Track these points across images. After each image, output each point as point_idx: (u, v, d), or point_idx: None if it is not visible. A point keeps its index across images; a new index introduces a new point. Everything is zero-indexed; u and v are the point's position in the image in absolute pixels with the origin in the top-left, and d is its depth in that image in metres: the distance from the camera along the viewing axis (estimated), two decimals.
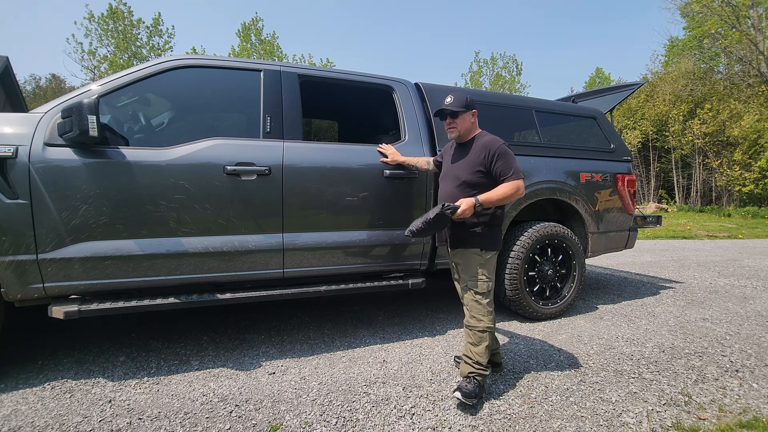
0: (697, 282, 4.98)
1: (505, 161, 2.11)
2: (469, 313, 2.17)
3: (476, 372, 2.10)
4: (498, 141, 2.17)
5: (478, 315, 2.13)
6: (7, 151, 2.04)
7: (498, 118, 3.56)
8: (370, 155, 2.86)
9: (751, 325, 3.34)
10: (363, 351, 2.73)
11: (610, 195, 3.76)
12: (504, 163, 2.11)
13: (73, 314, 2.13)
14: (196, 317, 3.30)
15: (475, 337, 2.13)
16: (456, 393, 2.02)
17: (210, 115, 3.34)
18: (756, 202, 21.09)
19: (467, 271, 2.18)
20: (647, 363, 2.57)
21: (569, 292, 3.49)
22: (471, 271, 2.16)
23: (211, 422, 1.87)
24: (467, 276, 2.17)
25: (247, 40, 22.54)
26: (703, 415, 1.99)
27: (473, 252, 2.17)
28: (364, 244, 2.81)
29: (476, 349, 2.11)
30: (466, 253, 2.18)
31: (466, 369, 2.13)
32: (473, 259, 2.16)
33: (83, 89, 2.33)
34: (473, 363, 2.11)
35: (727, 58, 20.88)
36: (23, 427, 1.81)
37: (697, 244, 9.35)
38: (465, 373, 2.13)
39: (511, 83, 26.66)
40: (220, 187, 2.41)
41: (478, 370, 2.10)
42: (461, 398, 1.99)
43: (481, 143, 2.19)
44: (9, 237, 2.04)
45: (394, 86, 3.14)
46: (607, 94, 4.43)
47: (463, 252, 2.19)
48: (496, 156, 2.12)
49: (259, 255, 2.53)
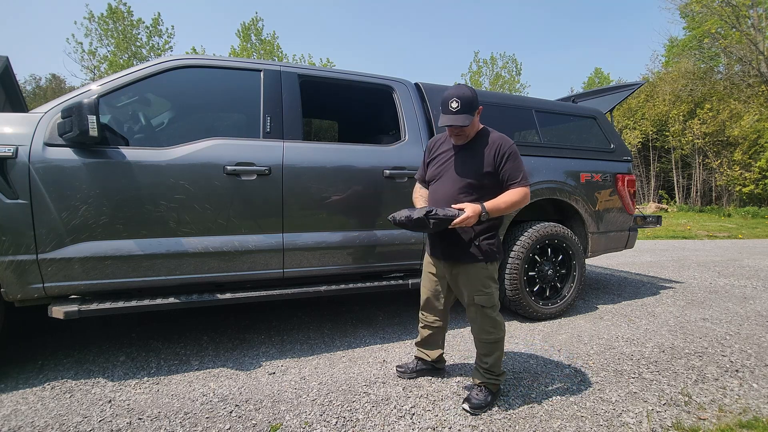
0: (697, 282, 4.98)
1: (515, 164, 1.93)
2: (478, 327, 2.03)
3: (488, 381, 2.05)
4: (508, 140, 1.98)
5: (489, 328, 2.01)
6: (7, 151, 2.04)
7: (498, 118, 3.56)
8: (370, 155, 2.86)
9: (751, 325, 3.34)
10: (363, 351, 2.73)
11: (610, 195, 3.76)
12: (513, 167, 1.93)
13: (73, 314, 2.13)
14: (196, 317, 3.29)
15: (486, 347, 2.04)
16: (464, 405, 1.98)
17: (210, 115, 3.34)
18: (756, 202, 21.08)
19: (471, 284, 1.99)
20: (647, 363, 2.57)
21: (569, 292, 3.49)
22: (476, 285, 1.98)
23: (211, 422, 1.87)
24: (471, 290, 1.99)
25: (247, 40, 22.55)
26: (703, 415, 1.99)
27: (479, 266, 1.98)
28: (364, 244, 2.81)
29: (489, 360, 2.04)
30: (468, 267, 1.99)
31: (479, 377, 2.07)
32: (479, 272, 1.98)
33: (83, 89, 2.33)
34: (485, 372, 2.06)
35: (727, 58, 20.88)
36: (23, 427, 1.81)
37: (697, 244, 9.35)
38: (477, 382, 2.08)
39: (511, 83, 26.66)
40: (220, 187, 2.41)
41: (490, 379, 2.05)
42: (469, 410, 1.95)
43: (489, 141, 1.97)
44: (9, 237, 2.04)
45: (394, 86, 3.14)
46: (607, 94, 4.43)
47: (465, 267, 1.99)
48: (507, 157, 1.93)
49: (259, 255, 2.53)
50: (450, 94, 1.91)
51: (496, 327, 2.02)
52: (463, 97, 1.88)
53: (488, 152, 1.96)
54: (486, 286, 1.99)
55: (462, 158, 2.01)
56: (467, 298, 2.03)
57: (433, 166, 2.12)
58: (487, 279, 1.99)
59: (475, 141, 2.02)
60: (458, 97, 1.88)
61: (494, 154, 1.94)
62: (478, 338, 2.06)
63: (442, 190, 2.03)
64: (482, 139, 2.00)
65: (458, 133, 1.97)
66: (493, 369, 2.05)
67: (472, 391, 2.06)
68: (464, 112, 1.88)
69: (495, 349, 2.04)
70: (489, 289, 2.00)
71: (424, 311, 2.27)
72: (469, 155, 2.00)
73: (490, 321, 2.01)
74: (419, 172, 2.28)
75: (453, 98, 1.89)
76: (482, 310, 2.00)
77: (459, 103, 1.88)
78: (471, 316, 2.06)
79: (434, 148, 2.16)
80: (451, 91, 1.92)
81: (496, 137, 1.99)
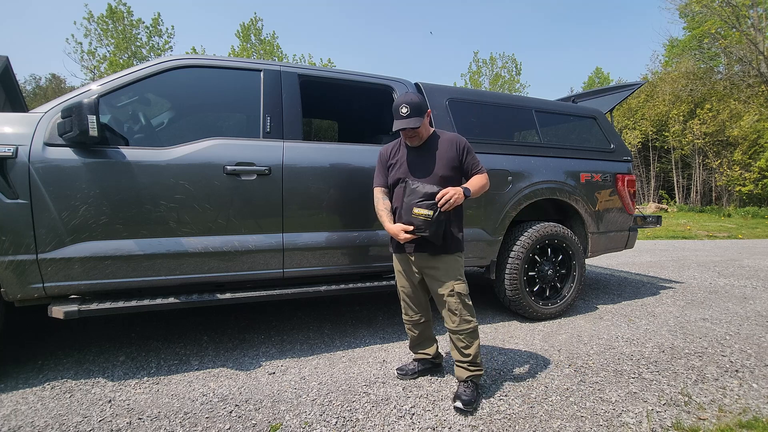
0: (697, 282, 4.98)
1: (473, 155, 2.18)
2: (459, 317, 2.08)
3: (473, 374, 2.09)
4: (461, 137, 2.21)
5: (467, 316, 2.09)
6: (7, 150, 2.04)
7: (498, 118, 3.57)
8: (370, 155, 2.86)
9: (751, 325, 3.34)
10: (363, 351, 2.73)
11: (610, 195, 3.76)
12: (473, 157, 2.18)
13: (73, 314, 2.12)
14: (196, 317, 3.30)
15: (467, 338, 2.09)
16: (456, 403, 1.98)
17: (210, 114, 3.34)
18: (756, 202, 21.09)
19: (449, 275, 2.10)
20: (647, 363, 2.57)
21: (569, 292, 3.49)
22: (454, 275, 2.10)
23: (210, 422, 1.87)
24: (450, 280, 2.09)
25: (246, 41, 22.56)
26: (703, 415, 1.99)
27: (456, 256, 2.13)
28: (364, 244, 2.81)
29: (470, 350, 2.09)
30: (448, 258, 2.11)
31: (464, 373, 2.10)
32: (456, 262, 2.12)
33: (83, 89, 2.33)
34: (469, 365, 2.09)
35: (727, 58, 20.89)
36: (23, 426, 1.81)
37: (697, 244, 9.35)
38: (463, 378, 2.10)
39: (511, 83, 26.67)
40: (220, 187, 2.41)
41: (474, 371, 2.09)
42: (462, 407, 1.96)
43: (446, 140, 2.17)
44: (9, 237, 2.04)
45: (394, 86, 3.14)
46: (607, 94, 4.43)
47: (445, 258, 2.10)
48: (467, 150, 2.17)
49: (259, 255, 2.53)
50: (399, 101, 2.08)
51: (473, 314, 2.13)
52: (411, 103, 2.05)
53: (449, 149, 2.15)
54: (462, 275, 2.15)
55: (425, 157, 2.16)
56: (447, 289, 2.10)
57: (395, 170, 2.20)
58: (461, 268, 2.17)
59: (432, 141, 2.19)
60: (407, 103, 2.05)
61: (456, 149, 2.15)
62: (459, 330, 2.09)
63: None
64: (439, 138, 2.19)
65: (412, 135, 2.12)
66: (476, 360, 2.10)
67: (459, 388, 2.08)
68: (414, 116, 2.04)
69: (474, 337, 2.11)
70: (464, 278, 2.16)
71: (407, 312, 2.31)
72: (430, 154, 2.16)
73: (468, 308, 2.11)
74: (378, 179, 2.27)
75: (402, 104, 2.05)
76: (461, 297, 2.10)
77: (408, 108, 2.04)
78: (452, 307, 2.10)
79: (390, 153, 2.25)
80: (400, 98, 2.08)
81: (451, 136, 2.21)
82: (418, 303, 2.27)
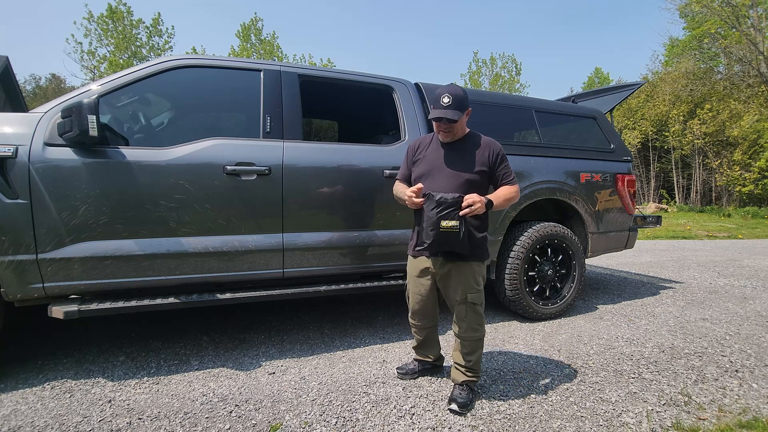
0: (697, 282, 4.98)
1: (507, 164, 2.09)
2: (467, 325, 2.05)
3: (469, 380, 2.08)
4: (497, 143, 2.12)
5: (476, 325, 2.06)
6: (6, 150, 2.04)
7: (498, 118, 3.57)
8: (370, 155, 2.86)
9: (751, 325, 3.34)
10: (363, 351, 2.73)
11: (610, 195, 3.76)
12: (507, 167, 2.09)
13: (72, 314, 2.12)
14: (196, 317, 3.29)
15: (471, 346, 2.07)
16: (452, 405, 1.98)
17: (210, 114, 3.34)
18: (756, 202, 21.09)
19: (464, 283, 2.03)
20: (647, 363, 2.57)
21: (569, 292, 3.49)
22: (470, 283, 2.04)
23: (210, 422, 1.87)
24: (465, 288, 2.03)
25: (247, 41, 22.56)
26: (703, 415, 1.99)
27: (474, 264, 2.05)
28: (364, 244, 2.81)
29: (472, 357, 2.08)
30: (464, 266, 2.03)
31: (460, 377, 2.09)
32: (473, 270, 2.04)
33: (83, 89, 2.33)
34: (467, 371, 2.08)
35: (727, 58, 20.89)
36: (23, 426, 1.81)
37: (697, 244, 9.35)
38: (458, 381, 2.10)
39: (511, 83, 26.65)
40: (220, 187, 2.41)
41: (472, 377, 2.09)
42: (458, 410, 1.96)
43: (480, 143, 2.08)
44: (9, 237, 2.04)
45: (394, 86, 3.14)
46: (607, 94, 4.44)
47: (461, 265, 2.03)
48: (500, 158, 2.07)
49: (259, 255, 2.53)
50: (443, 90, 2.01)
51: (482, 324, 2.09)
52: (455, 94, 1.97)
53: (481, 152, 2.06)
54: (478, 284, 2.07)
55: (454, 156, 2.07)
56: (460, 296, 2.05)
57: (421, 165, 2.13)
58: (479, 277, 2.08)
59: (465, 141, 2.11)
60: (450, 93, 1.98)
61: (488, 154, 2.06)
62: (464, 337, 2.08)
63: (436, 187, 2.03)
64: (472, 140, 2.11)
65: (447, 129, 2.04)
66: (474, 367, 2.09)
67: (454, 390, 2.07)
68: (454, 108, 1.96)
69: (478, 347, 2.10)
70: (480, 287, 2.08)
71: (415, 317, 2.25)
72: (459, 154, 2.08)
73: (478, 318, 2.07)
74: (402, 171, 2.27)
75: (445, 94, 1.98)
76: (473, 307, 2.05)
77: (450, 99, 1.96)
78: (460, 314, 2.07)
79: (419, 147, 2.20)
80: (444, 88, 2.02)
81: (488, 140, 2.11)
82: (427, 310, 2.21)
